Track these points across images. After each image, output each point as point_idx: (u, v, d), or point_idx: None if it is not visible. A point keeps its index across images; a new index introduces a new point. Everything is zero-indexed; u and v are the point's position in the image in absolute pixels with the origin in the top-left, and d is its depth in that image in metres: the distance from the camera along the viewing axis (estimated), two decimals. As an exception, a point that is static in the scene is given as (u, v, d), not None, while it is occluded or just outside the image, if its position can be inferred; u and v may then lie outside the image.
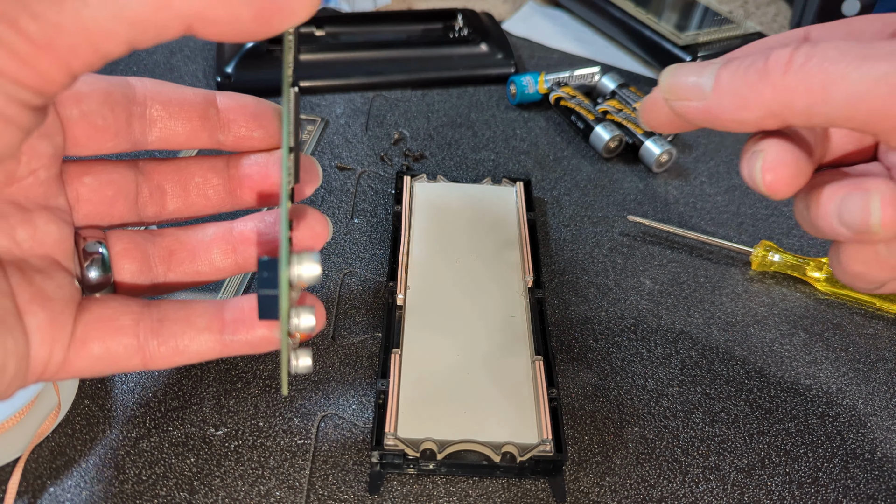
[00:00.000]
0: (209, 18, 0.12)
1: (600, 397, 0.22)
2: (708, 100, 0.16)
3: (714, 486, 0.20)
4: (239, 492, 0.19)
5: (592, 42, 0.41)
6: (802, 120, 0.14)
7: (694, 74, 0.17)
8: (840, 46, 0.14)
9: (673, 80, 0.17)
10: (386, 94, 0.36)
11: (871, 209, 0.16)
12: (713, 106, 0.16)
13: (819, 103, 0.14)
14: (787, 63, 0.14)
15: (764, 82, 0.14)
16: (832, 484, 0.21)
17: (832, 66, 0.13)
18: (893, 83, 0.13)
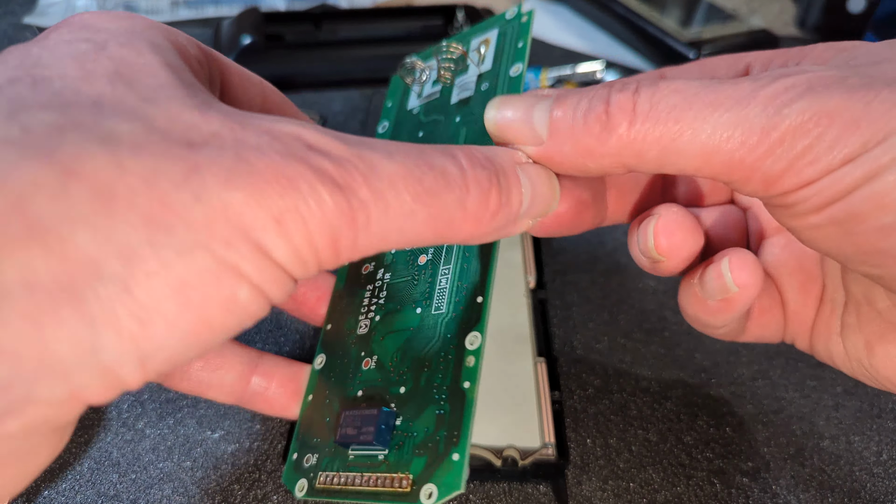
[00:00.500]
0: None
1: (603, 399, 0.22)
2: (544, 146, 0.14)
3: (719, 489, 0.20)
4: (235, 495, 0.19)
5: (595, 38, 0.41)
6: (653, 170, 0.13)
7: (522, 112, 0.14)
8: (685, 91, 0.13)
9: (500, 123, 0.15)
10: (384, 91, 0.35)
11: (648, 235, 0.15)
12: (551, 153, 0.14)
13: (671, 155, 0.13)
14: (632, 112, 0.13)
15: (609, 132, 0.13)
16: (838, 488, 0.20)
17: (681, 114, 0.12)
18: (743, 134, 0.12)
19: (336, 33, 0.38)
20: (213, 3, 0.41)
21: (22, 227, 0.09)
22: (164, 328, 0.10)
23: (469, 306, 0.16)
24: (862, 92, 0.11)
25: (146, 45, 0.12)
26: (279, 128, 0.11)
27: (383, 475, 0.14)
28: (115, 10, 0.40)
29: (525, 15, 0.19)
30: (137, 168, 0.10)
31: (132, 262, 0.09)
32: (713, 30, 0.36)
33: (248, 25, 0.35)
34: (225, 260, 0.10)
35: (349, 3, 0.43)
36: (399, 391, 0.15)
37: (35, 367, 0.09)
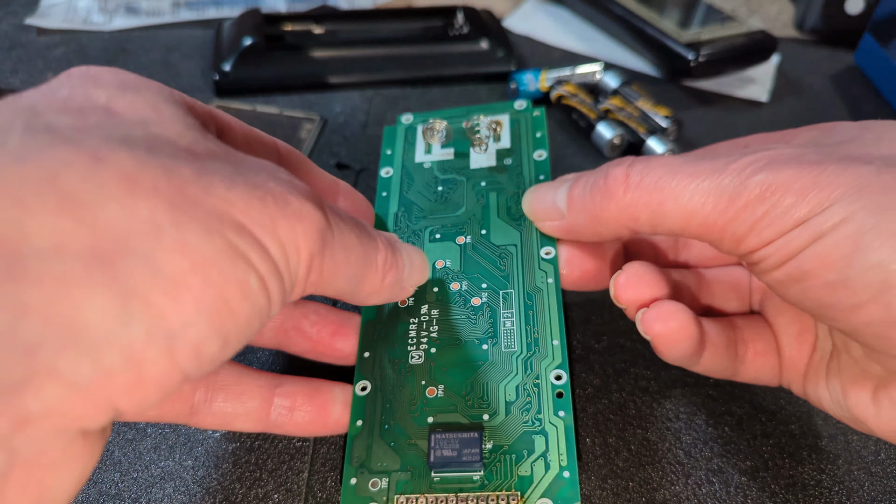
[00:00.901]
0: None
1: (602, 399, 0.22)
2: (566, 219, 0.18)
3: (717, 488, 0.20)
4: (236, 494, 0.19)
5: (594, 39, 0.41)
6: (647, 230, 0.16)
7: (549, 195, 0.19)
8: (669, 164, 0.15)
9: (533, 205, 0.19)
10: (385, 92, 0.35)
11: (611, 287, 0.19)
12: (572, 224, 0.18)
13: (658, 217, 0.15)
14: (625, 182, 0.16)
15: (608, 200, 0.16)
16: (836, 486, 0.20)
17: (664, 183, 0.15)
18: (715, 200, 0.14)
19: (337, 34, 0.38)
20: (214, 4, 0.42)
21: (54, 198, 0.09)
22: (189, 303, 0.10)
23: (542, 346, 0.18)
24: (812, 167, 0.14)
25: (143, 82, 0.13)
26: (265, 161, 0.13)
27: (484, 494, 0.16)
28: (116, 10, 0.40)
29: (537, 110, 0.24)
30: (155, 164, 0.11)
31: (158, 238, 0.10)
32: (712, 31, 0.37)
33: (249, 27, 0.36)
34: (237, 246, 0.11)
35: (350, 5, 0.43)
36: (482, 417, 0.17)
37: (62, 332, 0.09)
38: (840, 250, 0.13)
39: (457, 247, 0.21)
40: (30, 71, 0.35)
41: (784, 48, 0.42)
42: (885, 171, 0.13)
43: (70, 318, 0.09)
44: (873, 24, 0.39)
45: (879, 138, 0.15)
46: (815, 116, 0.37)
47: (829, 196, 0.13)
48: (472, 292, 0.20)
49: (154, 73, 0.35)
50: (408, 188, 0.23)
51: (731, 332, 0.19)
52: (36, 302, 0.09)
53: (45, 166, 0.10)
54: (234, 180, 0.11)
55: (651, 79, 0.38)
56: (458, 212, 0.22)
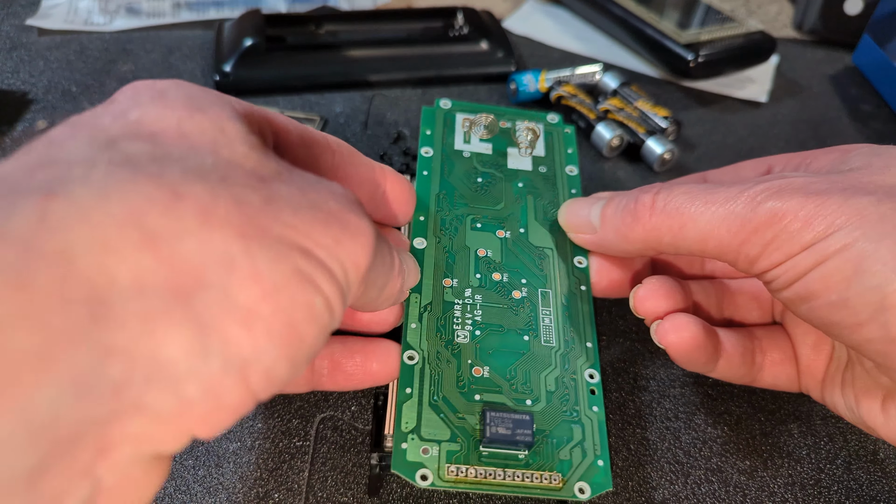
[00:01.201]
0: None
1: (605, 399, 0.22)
2: (597, 234, 0.20)
3: (716, 487, 0.20)
4: (237, 494, 0.19)
5: (594, 40, 0.41)
6: (671, 251, 0.18)
7: (584, 210, 0.20)
8: (691, 191, 0.17)
9: (568, 218, 0.21)
10: (385, 93, 0.36)
11: (630, 298, 0.20)
12: (602, 239, 0.20)
13: (679, 239, 0.17)
14: (651, 207, 0.18)
15: (636, 222, 0.18)
16: (835, 485, 0.20)
17: (685, 208, 0.17)
18: (729, 225, 0.16)
19: (337, 35, 0.38)
20: (215, 5, 0.42)
21: (137, 235, 0.10)
22: (261, 331, 0.11)
23: (577, 345, 0.20)
24: (817, 196, 0.15)
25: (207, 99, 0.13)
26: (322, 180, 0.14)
27: (529, 472, 0.17)
28: (117, 11, 0.40)
29: (568, 128, 0.26)
30: (227, 194, 0.11)
31: (231, 270, 0.10)
32: (711, 32, 0.37)
33: (250, 27, 0.36)
34: (303, 270, 0.11)
35: (350, 5, 0.43)
36: (526, 403, 0.19)
37: (147, 370, 0.10)
38: (841, 273, 0.14)
39: (498, 239, 0.22)
40: (31, 71, 0.35)
41: (783, 49, 0.42)
42: (885, 201, 0.14)
43: (153, 356, 0.10)
44: (872, 24, 0.39)
45: (887, 166, 0.16)
46: (813, 117, 0.37)
47: (833, 223, 0.15)
48: (512, 285, 0.21)
49: (155, 73, 0.36)
50: (448, 172, 0.23)
51: (748, 342, 0.20)
52: (121, 342, 0.09)
53: (128, 203, 0.10)
54: (299, 204, 0.12)
55: (650, 79, 0.38)
56: (498, 206, 0.23)
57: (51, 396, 0.09)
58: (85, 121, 0.12)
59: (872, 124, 0.37)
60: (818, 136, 0.35)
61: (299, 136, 0.16)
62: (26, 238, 0.09)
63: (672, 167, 0.32)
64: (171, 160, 0.11)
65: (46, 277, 0.09)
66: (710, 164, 0.33)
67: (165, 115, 0.12)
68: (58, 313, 0.09)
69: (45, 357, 0.09)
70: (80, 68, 0.36)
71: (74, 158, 0.10)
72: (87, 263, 0.09)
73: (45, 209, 0.09)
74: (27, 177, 0.10)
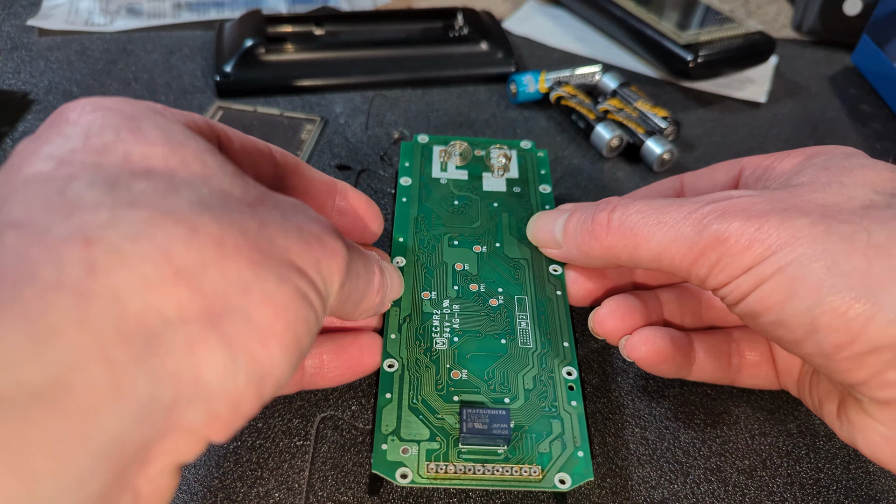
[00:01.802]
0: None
1: (601, 398, 0.22)
2: (562, 248, 0.21)
3: (716, 487, 0.20)
4: (238, 493, 0.19)
5: (593, 41, 0.41)
6: (628, 265, 0.19)
7: (549, 225, 0.21)
8: (643, 210, 0.18)
9: (535, 233, 0.22)
10: (386, 93, 0.36)
11: (589, 320, 0.21)
12: (567, 254, 0.21)
13: (635, 257, 0.18)
14: (607, 226, 0.18)
15: (594, 240, 0.19)
16: (834, 485, 0.20)
17: (638, 228, 0.18)
18: (678, 246, 0.17)
19: (337, 36, 0.38)
20: (216, 5, 0.42)
21: (170, 272, 0.11)
22: (276, 346, 0.12)
23: (555, 345, 0.21)
24: (757, 219, 0.16)
25: (165, 119, 0.14)
26: (292, 200, 0.15)
27: (508, 466, 0.18)
28: (118, 11, 0.40)
29: (540, 152, 0.28)
30: (230, 222, 0.12)
31: (248, 294, 0.12)
32: (710, 32, 0.37)
33: (250, 28, 0.36)
34: (301, 289, 0.13)
35: (350, 6, 0.43)
36: (504, 401, 0.19)
37: (189, 392, 0.11)
38: (776, 296, 0.15)
39: (474, 254, 0.23)
40: (32, 72, 0.35)
41: (782, 49, 0.42)
42: (818, 223, 0.15)
43: (195, 378, 0.11)
44: (871, 25, 0.39)
45: (829, 182, 0.16)
46: (812, 117, 0.37)
47: (770, 247, 0.15)
48: (489, 294, 0.22)
49: (156, 74, 0.36)
50: (426, 197, 0.25)
51: (724, 345, 0.21)
52: (171, 368, 0.11)
53: (155, 243, 0.11)
54: (285, 227, 0.13)
55: (650, 80, 0.38)
56: (474, 224, 0.24)
57: (120, 423, 0.10)
58: (66, 155, 0.12)
59: (871, 124, 0.37)
60: (817, 136, 0.36)
61: (240, 144, 0.17)
62: (80, 284, 0.10)
63: (671, 167, 0.32)
64: (174, 194, 0.12)
65: (104, 318, 0.10)
66: (709, 164, 0.33)
67: (150, 152, 0.13)
68: (119, 348, 0.10)
69: (114, 389, 0.10)
70: (81, 69, 0.36)
71: (89, 201, 0.11)
72: (136, 302, 0.10)
73: (90, 257, 0.10)
74: (54, 221, 0.11)
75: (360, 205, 0.21)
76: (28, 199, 0.11)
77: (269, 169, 0.18)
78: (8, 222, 0.11)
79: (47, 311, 0.10)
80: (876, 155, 0.18)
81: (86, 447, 0.10)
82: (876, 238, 0.14)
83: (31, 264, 0.10)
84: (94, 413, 0.10)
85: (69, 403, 0.09)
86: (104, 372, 0.10)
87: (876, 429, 0.16)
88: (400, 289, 0.21)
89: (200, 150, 0.13)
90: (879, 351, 0.14)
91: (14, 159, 0.12)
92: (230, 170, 0.14)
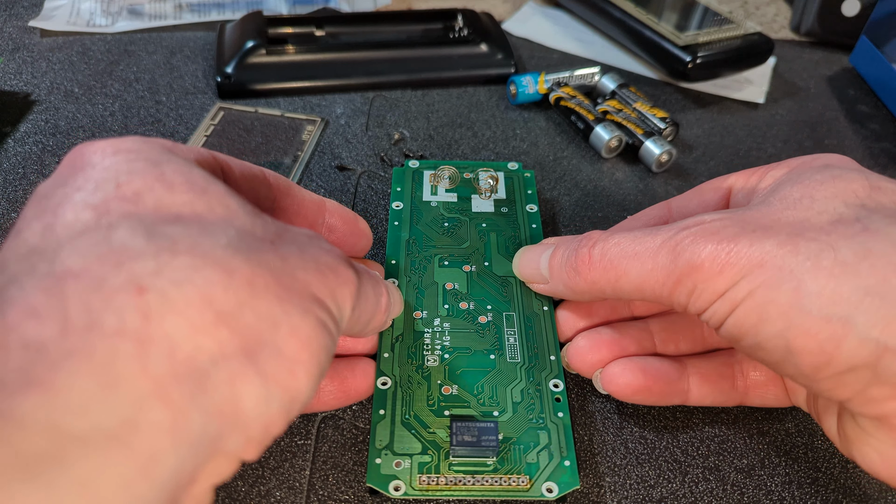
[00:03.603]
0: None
1: (601, 398, 0.22)
2: (549, 284, 0.21)
3: (714, 486, 0.20)
4: (239, 492, 0.19)
5: (592, 42, 0.41)
6: (614, 297, 0.19)
7: (535, 261, 0.22)
8: (621, 243, 0.18)
9: (521, 269, 0.23)
10: (386, 94, 0.36)
11: (563, 355, 0.22)
12: (554, 290, 0.21)
13: (618, 290, 0.18)
14: (589, 262, 0.19)
15: (578, 276, 0.19)
16: (832, 484, 0.21)
17: (617, 262, 0.18)
18: (656, 276, 0.17)
19: (338, 37, 0.38)
20: (217, 7, 0.42)
21: (212, 315, 0.12)
22: (303, 374, 0.13)
23: (542, 359, 0.22)
24: (727, 243, 0.16)
25: (185, 163, 0.14)
26: (306, 231, 0.16)
27: (497, 476, 0.18)
28: (120, 12, 0.40)
29: (527, 172, 0.29)
30: (257, 262, 0.13)
31: (277, 329, 0.13)
32: (709, 33, 0.37)
33: (251, 29, 0.36)
34: (321, 319, 0.14)
35: (351, 7, 0.43)
36: (493, 414, 0.20)
37: (231, 422, 0.12)
38: (749, 320, 0.15)
39: (463, 273, 0.24)
40: (33, 73, 0.35)
41: (780, 50, 0.42)
42: (785, 243, 0.15)
43: (236, 410, 0.12)
44: (869, 26, 0.39)
45: (800, 198, 0.16)
46: (811, 118, 0.37)
47: (740, 271, 0.15)
48: (479, 312, 0.23)
49: (157, 75, 0.36)
50: (417, 220, 0.26)
51: (726, 368, 0.21)
52: (218, 402, 0.12)
53: (198, 288, 0.12)
54: (304, 260, 0.14)
55: (649, 81, 0.39)
56: (464, 245, 0.25)
57: (179, 456, 0.11)
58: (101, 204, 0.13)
59: (869, 125, 0.37)
60: (815, 136, 0.36)
61: (240, 171, 0.18)
62: (138, 331, 0.11)
63: (670, 168, 0.33)
64: (207, 238, 0.13)
65: (162, 363, 0.11)
66: (707, 165, 0.33)
67: (178, 199, 0.13)
68: (175, 389, 0.11)
69: (174, 426, 0.11)
70: (83, 70, 0.36)
71: (135, 249, 0.12)
72: (186, 344, 0.11)
73: (145, 305, 0.11)
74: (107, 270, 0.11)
75: (348, 221, 0.22)
76: (78, 250, 0.12)
77: (264, 192, 0.19)
78: (65, 272, 0.11)
79: (114, 358, 0.10)
80: (874, 155, 0.18)
81: (151, 480, 0.10)
82: (842, 255, 0.14)
83: (95, 313, 0.11)
84: (159, 449, 0.11)
85: (136, 441, 0.10)
86: (165, 411, 0.11)
87: (870, 443, 0.16)
88: (400, 306, 0.21)
89: (221, 193, 0.14)
90: (856, 370, 0.14)
91: (46, 204, 0.13)
92: (249, 209, 0.14)
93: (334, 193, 0.30)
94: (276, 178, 0.20)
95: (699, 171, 0.33)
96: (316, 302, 0.14)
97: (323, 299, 0.14)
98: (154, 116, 0.33)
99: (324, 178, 0.30)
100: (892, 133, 0.36)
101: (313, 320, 0.13)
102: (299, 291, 0.13)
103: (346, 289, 0.15)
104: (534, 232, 0.26)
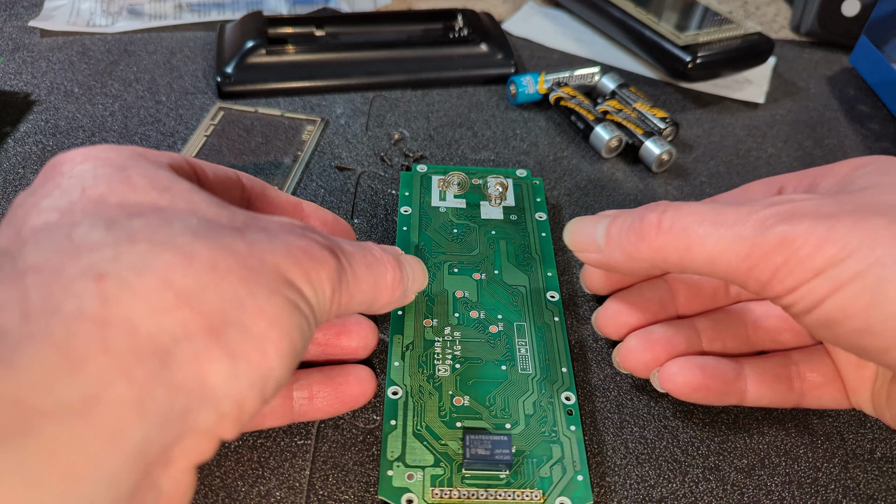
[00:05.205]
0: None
1: (600, 397, 0.22)
2: (603, 252, 0.19)
3: (714, 486, 0.20)
4: (239, 492, 0.19)
5: (592, 42, 0.41)
6: (677, 270, 0.17)
7: (590, 229, 0.20)
8: (699, 211, 0.17)
9: (574, 236, 0.21)
10: (386, 94, 0.36)
11: (614, 356, 0.21)
12: (608, 258, 0.19)
13: (686, 260, 0.17)
14: (657, 226, 0.17)
15: (642, 241, 0.18)
16: (832, 484, 0.21)
17: (692, 229, 0.16)
18: (737, 248, 0.16)
19: (338, 37, 0.38)
20: (217, 7, 0.42)
21: (172, 297, 0.12)
22: (273, 352, 0.13)
23: (553, 370, 0.22)
24: (826, 219, 0.15)
25: (152, 166, 0.15)
26: (279, 219, 0.16)
27: (510, 490, 0.18)
28: (120, 12, 0.40)
29: (536, 180, 0.29)
30: (220, 246, 0.13)
31: (243, 309, 0.13)
32: (709, 33, 0.37)
33: (251, 29, 0.36)
34: (290, 298, 0.14)
35: (351, 7, 0.43)
36: (505, 426, 0.20)
37: (200, 397, 0.12)
38: (860, 301, 0.14)
39: (473, 281, 0.24)
40: (33, 73, 0.35)
41: (780, 50, 0.42)
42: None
43: (202, 386, 0.12)
44: (869, 26, 0.39)
45: (894, 185, 0.16)
46: (811, 118, 0.37)
47: (845, 247, 0.14)
48: (489, 321, 0.23)
49: (157, 75, 0.36)
50: (426, 226, 0.26)
51: (783, 369, 0.20)
52: (183, 378, 0.12)
53: (157, 272, 0.12)
54: (273, 245, 0.14)
55: (648, 81, 0.39)
56: (473, 252, 0.25)
57: (144, 429, 0.11)
58: (66, 206, 0.13)
59: (869, 125, 0.37)
60: (815, 136, 0.36)
61: (213, 174, 0.18)
62: (98, 314, 0.11)
63: (670, 168, 0.33)
64: (167, 227, 0.13)
65: (122, 341, 0.11)
66: (707, 165, 0.33)
67: (140, 198, 0.14)
68: (139, 367, 0.11)
69: (137, 400, 0.11)
70: (83, 70, 0.36)
71: (94, 241, 0.12)
72: (147, 325, 0.12)
73: (103, 290, 0.12)
74: (66, 262, 0.12)
75: (327, 223, 0.22)
76: (40, 246, 0.12)
77: (238, 194, 0.19)
78: (26, 267, 0.12)
79: (74, 339, 0.11)
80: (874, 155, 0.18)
81: (117, 450, 0.11)
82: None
83: (54, 300, 0.11)
84: (122, 421, 0.11)
85: (100, 414, 0.11)
86: (127, 386, 0.11)
87: None
88: (423, 280, 0.21)
89: (185, 190, 0.15)
90: None
91: (17, 212, 0.14)
92: (216, 201, 0.15)
93: (334, 193, 0.30)
94: (250, 180, 0.20)
95: (699, 171, 0.33)
96: (286, 283, 0.14)
97: (293, 280, 0.14)
98: (154, 116, 0.33)
99: (323, 177, 0.30)
100: (892, 133, 0.36)
101: (282, 300, 0.14)
102: (266, 273, 0.14)
103: (322, 270, 0.15)
104: (543, 241, 0.26)
